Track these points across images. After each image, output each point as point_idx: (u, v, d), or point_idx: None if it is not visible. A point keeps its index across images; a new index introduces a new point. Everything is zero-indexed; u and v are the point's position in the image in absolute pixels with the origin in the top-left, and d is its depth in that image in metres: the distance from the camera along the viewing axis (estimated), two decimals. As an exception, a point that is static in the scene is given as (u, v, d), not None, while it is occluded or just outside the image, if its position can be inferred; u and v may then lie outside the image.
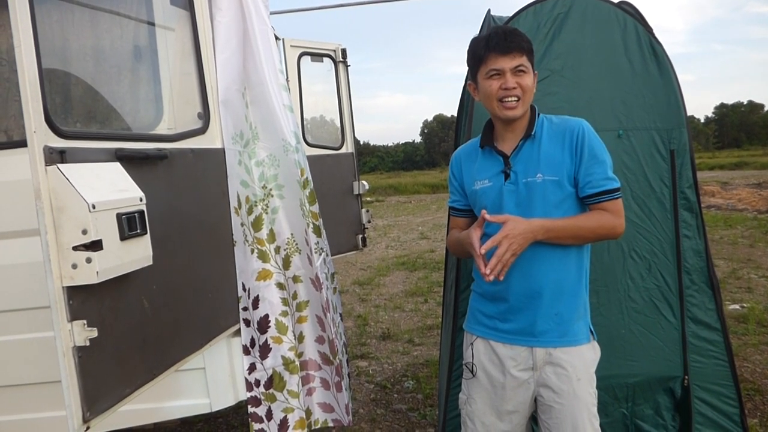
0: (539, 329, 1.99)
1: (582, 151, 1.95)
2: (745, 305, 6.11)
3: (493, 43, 1.94)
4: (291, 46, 4.60)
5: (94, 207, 1.51)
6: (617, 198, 1.96)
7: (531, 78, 1.97)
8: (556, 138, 1.99)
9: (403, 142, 76.95)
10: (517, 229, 1.83)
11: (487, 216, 1.87)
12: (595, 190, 1.94)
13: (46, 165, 1.50)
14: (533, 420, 2.18)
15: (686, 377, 2.75)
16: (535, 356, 2.00)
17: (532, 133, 2.00)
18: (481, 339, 2.11)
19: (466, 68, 2.10)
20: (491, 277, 1.80)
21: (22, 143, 2.32)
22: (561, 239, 1.93)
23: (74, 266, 1.51)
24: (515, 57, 1.93)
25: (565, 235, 1.93)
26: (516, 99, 1.94)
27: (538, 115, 2.05)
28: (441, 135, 68.48)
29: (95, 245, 1.53)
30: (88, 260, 1.51)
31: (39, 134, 1.49)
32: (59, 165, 1.51)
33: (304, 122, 4.73)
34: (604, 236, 2.00)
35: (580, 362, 1.99)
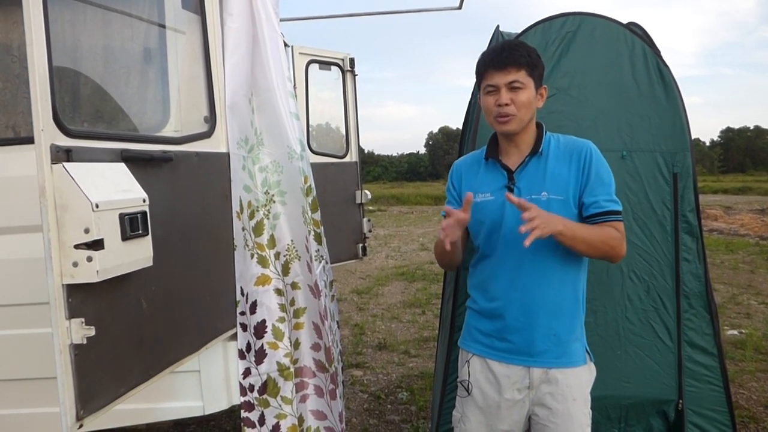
0: (537, 349, 1.97)
1: (589, 172, 1.95)
2: (743, 331, 6.09)
3: (489, 58, 1.95)
4: (300, 53, 4.62)
5: (97, 206, 1.52)
6: (620, 221, 1.96)
7: (528, 93, 1.93)
8: (563, 157, 1.99)
9: (408, 152, 77.11)
10: (542, 211, 1.79)
11: (513, 197, 1.80)
12: (600, 210, 1.93)
13: (52, 163, 1.50)
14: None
15: (680, 401, 2.74)
16: (532, 376, 1.99)
17: (540, 150, 2.00)
18: (477, 357, 2.10)
19: (473, 81, 2.11)
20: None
21: (30, 140, 2.36)
22: (574, 241, 1.84)
23: (75, 264, 1.52)
24: (510, 72, 1.91)
25: (579, 237, 1.85)
26: (508, 115, 1.93)
27: (545, 133, 2.05)
28: (446, 147, 68.61)
29: (97, 244, 1.53)
30: (89, 259, 1.52)
31: (46, 132, 1.50)
32: (65, 164, 1.52)
33: (310, 129, 4.75)
34: (608, 252, 1.93)
35: (575, 382, 1.99)
